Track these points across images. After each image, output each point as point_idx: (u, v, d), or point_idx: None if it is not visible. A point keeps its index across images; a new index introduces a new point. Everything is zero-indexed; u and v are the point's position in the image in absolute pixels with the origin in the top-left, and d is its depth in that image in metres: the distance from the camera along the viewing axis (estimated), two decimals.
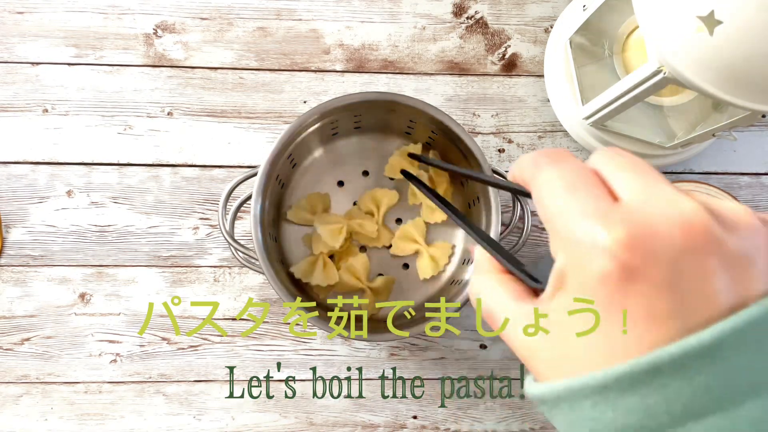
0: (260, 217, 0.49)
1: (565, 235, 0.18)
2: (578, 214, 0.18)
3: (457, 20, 0.60)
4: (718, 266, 0.17)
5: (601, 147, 0.20)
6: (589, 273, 0.17)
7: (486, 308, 0.21)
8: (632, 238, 0.16)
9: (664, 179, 0.18)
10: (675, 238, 0.16)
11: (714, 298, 0.16)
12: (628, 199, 0.18)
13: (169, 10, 0.59)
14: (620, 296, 0.17)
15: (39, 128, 0.58)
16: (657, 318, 0.16)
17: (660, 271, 0.16)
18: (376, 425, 0.58)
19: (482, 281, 0.22)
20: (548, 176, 0.19)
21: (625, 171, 0.19)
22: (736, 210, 0.18)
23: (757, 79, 0.36)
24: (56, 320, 0.57)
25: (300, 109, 0.59)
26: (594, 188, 0.18)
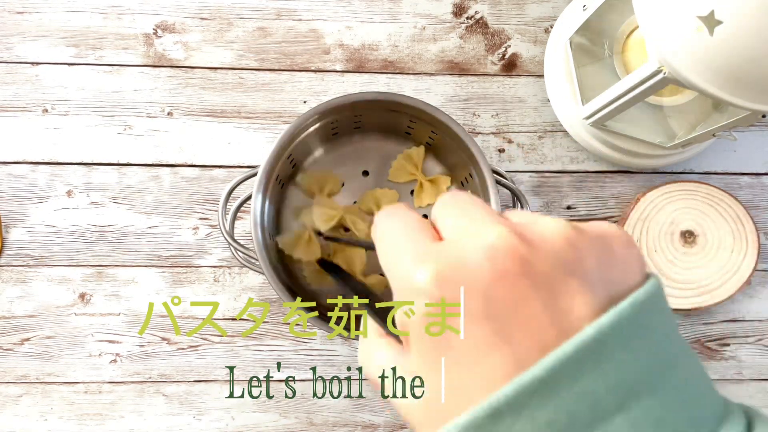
0: (260, 217, 0.49)
1: (393, 284, 0.18)
2: (399, 261, 0.18)
3: (457, 20, 0.60)
4: (531, 288, 0.16)
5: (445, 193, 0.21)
6: (416, 317, 0.17)
7: (370, 375, 0.21)
8: (441, 274, 0.16)
9: (483, 211, 0.18)
10: (483, 267, 0.16)
11: (536, 322, 0.16)
12: (446, 238, 0.18)
13: (169, 10, 0.59)
14: (443, 337, 0.16)
15: (39, 128, 0.58)
16: (483, 350, 0.16)
17: (474, 302, 0.16)
18: (376, 425, 0.58)
19: (363, 348, 0.22)
20: (382, 230, 0.19)
21: (447, 209, 0.19)
22: (546, 228, 0.17)
23: (757, 79, 0.36)
24: (56, 320, 0.57)
25: (300, 109, 0.59)
26: (420, 234, 0.18)
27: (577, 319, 0.16)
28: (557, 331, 0.16)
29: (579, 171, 0.60)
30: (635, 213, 0.57)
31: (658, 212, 0.57)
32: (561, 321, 0.16)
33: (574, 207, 0.60)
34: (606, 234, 0.18)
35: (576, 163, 0.60)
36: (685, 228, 0.57)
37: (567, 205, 0.60)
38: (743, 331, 0.60)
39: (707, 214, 0.57)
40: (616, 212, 0.60)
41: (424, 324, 0.16)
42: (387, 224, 0.19)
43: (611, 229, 0.18)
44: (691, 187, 0.57)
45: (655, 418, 0.16)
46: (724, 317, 0.60)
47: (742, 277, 0.57)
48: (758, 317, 0.60)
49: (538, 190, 0.60)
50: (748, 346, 0.60)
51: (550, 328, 0.16)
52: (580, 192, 0.60)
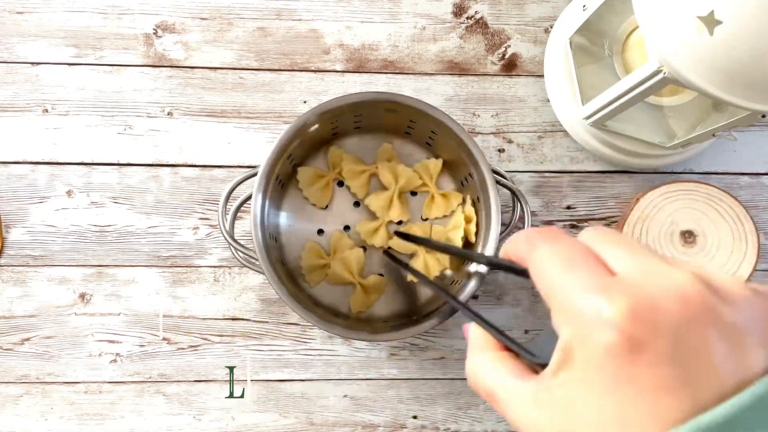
0: (260, 217, 0.49)
1: (569, 309, 0.18)
2: (580, 288, 0.18)
3: (457, 20, 0.60)
4: (716, 337, 0.17)
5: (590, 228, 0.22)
6: (595, 346, 0.17)
7: (486, 388, 0.21)
8: (635, 310, 0.17)
9: (654, 253, 0.19)
10: (674, 309, 0.17)
11: (717, 370, 0.17)
12: (624, 273, 0.18)
13: (169, 10, 0.59)
14: (628, 368, 0.17)
15: (39, 128, 0.58)
16: (666, 390, 0.16)
17: (664, 342, 0.17)
18: (376, 425, 0.58)
19: (480, 360, 0.22)
20: (545, 253, 0.20)
21: (616, 246, 0.19)
22: (729, 281, 0.18)
23: (757, 79, 0.36)
24: (56, 320, 0.57)
25: (300, 109, 0.59)
26: (591, 263, 0.19)
27: (754, 371, 0.17)
28: (737, 381, 0.16)
29: (579, 171, 0.60)
30: (635, 213, 0.57)
31: (658, 212, 0.57)
32: (742, 372, 0.17)
33: (574, 207, 0.60)
34: None
35: (576, 163, 0.60)
36: (684, 228, 0.57)
37: (567, 205, 0.60)
38: None
39: (707, 214, 0.57)
40: (616, 212, 0.60)
41: (609, 353, 0.17)
42: (552, 248, 0.20)
43: None
44: (691, 187, 0.57)
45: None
46: None
47: (742, 277, 0.57)
48: None
49: (537, 190, 0.60)
50: None
51: (730, 377, 0.16)
52: (579, 192, 0.60)
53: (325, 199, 0.55)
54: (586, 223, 0.60)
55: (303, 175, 0.55)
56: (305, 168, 0.55)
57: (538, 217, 0.60)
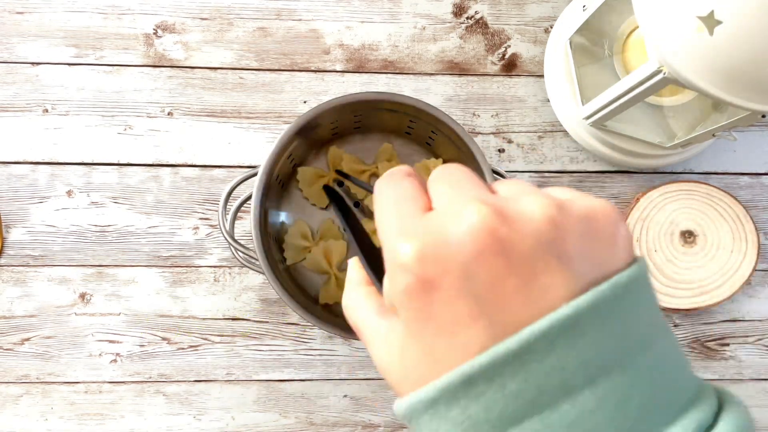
0: (260, 217, 0.49)
1: (385, 254, 0.18)
2: (389, 232, 0.18)
3: (457, 20, 0.60)
4: (507, 268, 0.16)
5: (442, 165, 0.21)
6: (399, 289, 0.17)
7: (355, 323, 0.21)
8: (424, 250, 0.17)
9: (471, 186, 0.19)
10: (464, 244, 0.17)
11: (511, 300, 0.17)
12: (434, 210, 0.18)
13: (169, 10, 0.59)
14: (427, 307, 0.17)
15: (39, 128, 0.58)
16: (461, 323, 0.17)
17: (453, 277, 0.17)
18: (376, 425, 0.58)
19: (351, 295, 0.22)
20: (379, 197, 0.20)
21: (440, 181, 0.19)
22: (529, 205, 0.17)
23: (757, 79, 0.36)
24: (56, 320, 0.57)
25: (300, 109, 0.59)
26: (410, 203, 0.19)
27: (554, 298, 0.16)
28: (534, 309, 0.16)
29: (579, 171, 0.60)
30: (635, 213, 0.57)
31: (658, 212, 0.57)
32: (538, 300, 0.17)
33: None
34: (593, 213, 0.18)
35: (576, 163, 0.60)
36: (684, 228, 0.57)
37: None
38: (743, 331, 0.60)
39: (707, 214, 0.57)
40: None
41: (407, 296, 0.17)
42: (383, 190, 0.20)
43: (599, 207, 0.18)
44: (690, 187, 0.57)
45: (622, 394, 0.16)
46: (723, 317, 0.60)
47: (742, 277, 0.57)
48: (758, 317, 0.60)
49: None
50: (748, 346, 0.60)
51: (525, 306, 0.16)
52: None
53: (325, 199, 0.56)
54: None
55: (303, 175, 0.55)
56: (305, 168, 0.55)
57: None
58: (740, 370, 0.60)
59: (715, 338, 0.60)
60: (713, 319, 0.60)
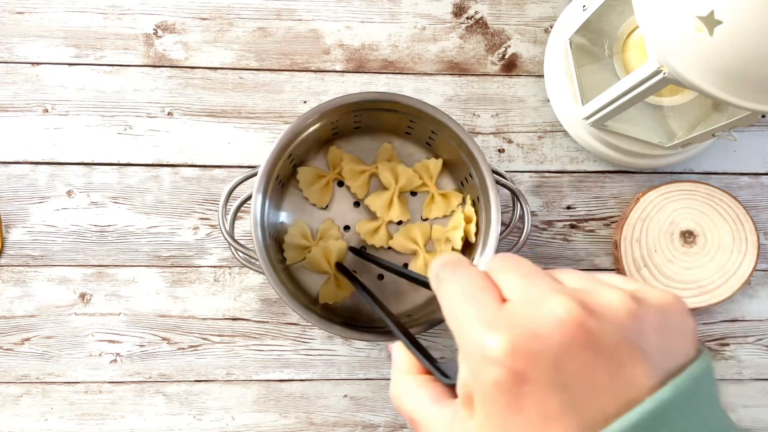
0: (260, 217, 0.49)
1: (463, 345, 0.18)
2: (469, 323, 0.18)
3: (457, 20, 0.60)
4: (596, 360, 0.17)
5: (496, 255, 0.22)
6: (485, 382, 0.17)
7: (408, 412, 0.21)
8: (515, 343, 0.17)
9: (544, 276, 0.19)
10: (552, 337, 0.17)
11: (600, 393, 0.17)
12: (511, 303, 0.18)
13: (169, 10, 0.59)
14: (516, 401, 0.17)
15: (39, 128, 0.58)
16: (551, 417, 0.17)
17: (544, 370, 0.17)
18: (376, 425, 0.58)
19: (402, 383, 0.22)
20: (447, 287, 0.20)
21: (509, 272, 0.19)
22: (610, 299, 0.18)
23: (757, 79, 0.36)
24: (56, 320, 0.57)
25: (300, 109, 0.59)
26: (485, 294, 0.19)
27: (638, 389, 0.17)
28: (621, 401, 0.17)
29: (579, 171, 0.60)
30: (635, 213, 0.57)
31: (658, 212, 0.57)
32: (625, 392, 0.17)
33: (574, 207, 0.60)
34: (665, 305, 0.19)
35: (576, 163, 0.60)
36: (684, 228, 0.57)
37: (567, 205, 0.60)
38: (743, 331, 0.60)
39: (707, 214, 0.57)
40: (616, 212, 0.60)
41: (497, 389, 0.17)
42: (451, 281, 0.20)
43: (671, 299, 0.19)
44: (690, 187, 0.57)
45: None
46: (724, 317, 0.60)
47: (742, 277, 0.57)
48: (758, 317, 0.60)
49: (537, 190, 0.60)
50: (748, 346, 0.60)
51: (614, 398, 0.17)
52: (579, 192, 0.60)
53: (325, 199, 0.55)
54: (586, 223, 0.60)
55: (303, 176, 0.55)
56: (305, 168, 0.55)
57: (538, 217, 0.60)
58: (740, 370, 0.60)
59: (715, 338, 0.60)
60: (713, 319, 0.60)
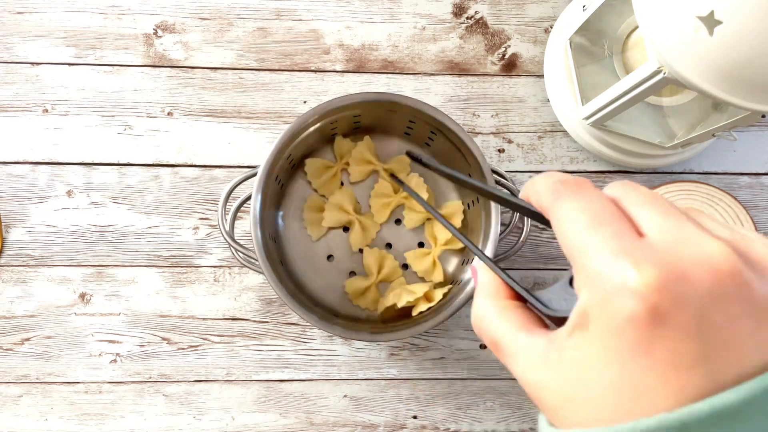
0: (260, 217, 0.49)
1: (592, 271, 0.17)
2: (605, 250, 0.17)
3: (457, 20, 0.60)
4: (744, 314, 0.16)
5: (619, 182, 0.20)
6: (616, 312, 0.16)
7: (492, 336, 0.20)
8: (663, 280, 0.16)
9: (688, 217, 0.18)
10: (703, 282, 0.16)
11: (740, 349, 0.16)
12: (654, 238, 0.17)
13: (169, 10, 0.59)
14: (648, 339, 0.16)
15: (39, 128, 0.58)
16: (684, 365, 0.16)
17: (688, 316, 0.16)
18: (376, 425, 0.58)
19: (488, 306, 0.21)
20: (569, 208, 0.19)
21: (648, 206, 0.18)
22: (765, 253, 0.17)
23: (757, 79, 0.36)
24: (56, 320, 0.57)
25: (300, 109, 0.59)
26: (619, 222, 0.18)
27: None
28: (758, 360, 0.16)
29: (579, 171, 0.60)
30: None
31: None
32: (764, 351, 0.16)
33: None
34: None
35: (576, 163, 0.60)
36: None
37: None
38: None
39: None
40: None
41: (631, 324, 0.16)
42: (578, 203, 0.19)
43: None
44: (690, 187, 0.57)
45: None
46: None
47: None
48: None
49: None
50: None
51: (752, 355, 0.16)
52: None
53: (332, 189, 0.56)
54: None
55: (311, 166, 0.55)
56: (313, 159, 0.55)
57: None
58: None
59: None
60: None
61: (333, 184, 0.56)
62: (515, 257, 0.59)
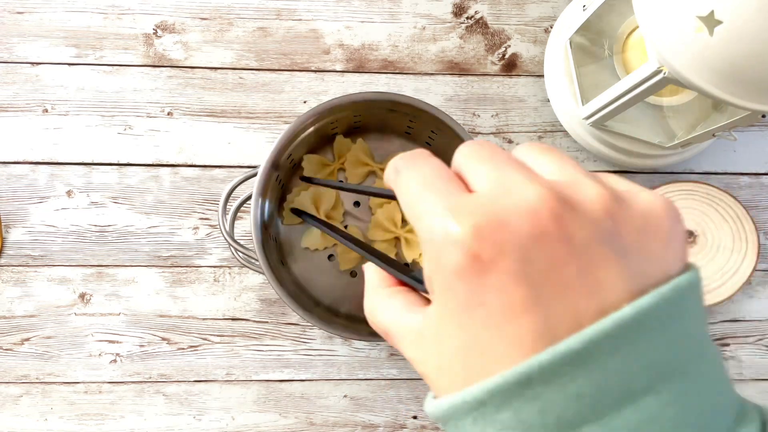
0: (260, 217, 0.49)
1: (423, 234, 0.17)
2: (431, 210, 0.17)
3: (457, 20, 0.60)
4: (568, 254, 0.16)
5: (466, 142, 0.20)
6: (445, 269, 0.16)
7: (381, 324, 0.20)
8: (480, 227, 0.16)
9: (516, 166, 0.17)
10: (523, 226, 0.16)
11: (571, 292, 0.15)
12: (480, 191, 0.17)
13: (169, 10, 0.59)
14: (477, 290, 0.16)
15: (39, 128, 0.58)
16: (515, 311, 0.16)
17: (510, 260, 0.15)
18: (376, 425, 0.58)
19: (373, 297, 0.21)
20: (407, 176, 0.19)
21: (479, 162, 0.18)
22: (588, 194, 0.17)
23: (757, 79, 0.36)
24: (56, 320, 0.57)
25: (300, 109, 0.59)
26: (448, 183, 0.17)
27: (612, 293, 0.16)
28: (592, 303, 0.16)
29: None
30: None
31: None
32: (597, 293, 0.16)
33: None
34: (654, 209, 0.17)
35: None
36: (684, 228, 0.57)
37: None
38: (743, 331, 0.60)
39: (707, 215, 0.57)
40: None
41: (457, 275, 0.16)
42: (412, 171, 0.19)
43: (660, 203, 0.17)
44: (690, 187, 0.57)
45: (682, 403, 0.16)
46: (724, 317, 0.60)
47: (742, 277, 0.57)
48: (758, 317, 0.60)
49: None
50: (748, 346, 0.60)
51: (585, 298, 0.16)
52: None
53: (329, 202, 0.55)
54: None
55: (309, 163, 0.55)
56: (311, 156, 0.55)
57: None
58: (741, 370, 0.60)
59: (716, 338, 0.60)
60: (713, 319, 0.60)
61: None
62: None
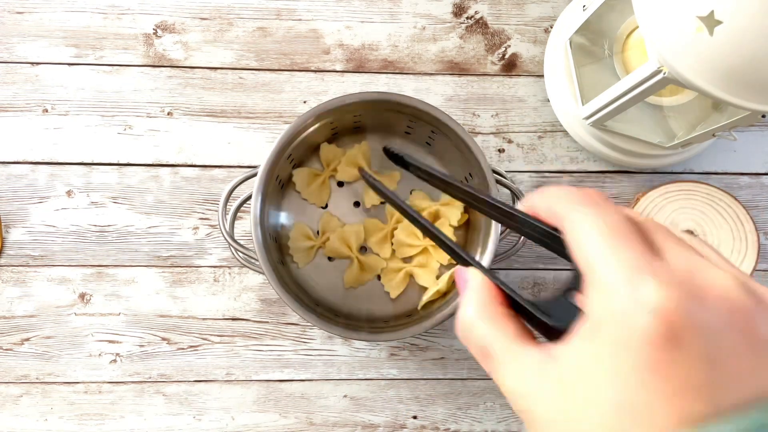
0: (260, 217, 0.49)
1: (609, 285, 0.17)
2: (625, 265, 0.17)
3: (457, 20, 0.60)
4: (747, 347, 0.16)
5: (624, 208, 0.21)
6: (631, 330, 0.16)
7: (481, 343, 0.20)
8: (682, 302, 0.16)
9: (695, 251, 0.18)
10: (720, 310, 0.16)
11: (741, 379, 0.16)
12: (673, 261, 0.17)
13: (169, 10, 0.59)
14: (660, 359, 0.16)
15: (39, 128, 0.58)
16: (691, 389, 0.16)
17: (702, 341, 0.16)
18: (376, 425, 0.58)
19: (479, 312, 0.20)
20: (588, 219, 0.19)
21: (664, 232, 0.19)
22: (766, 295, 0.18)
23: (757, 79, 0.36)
24: (56, 320, 0.57)
25: (300, 109, 0.59)
26: (638, 241, 0.18)
27: None
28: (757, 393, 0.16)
29: (579, 171, 0.60)
30: None
31: (658, 212, 0.57)
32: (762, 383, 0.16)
33: None
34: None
35: (576, 163, 0.60)
36: (684, 228, 0.57)
37: None
38: None
39: (707, 215, 0.57)
40: None
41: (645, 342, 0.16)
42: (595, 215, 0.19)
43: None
44: (690, 187, 0.57)
45: None
46: None
47: None
48: None
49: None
50: None
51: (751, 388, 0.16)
52: None
53: (323, 198, 0.56)
54: None
55: (299, 177, 0.55)
56: (300, 170, 0.55)
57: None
58: None
59: None
60: None
61: (323, 193, 0.56)
62: (515, 257, 0.59)
